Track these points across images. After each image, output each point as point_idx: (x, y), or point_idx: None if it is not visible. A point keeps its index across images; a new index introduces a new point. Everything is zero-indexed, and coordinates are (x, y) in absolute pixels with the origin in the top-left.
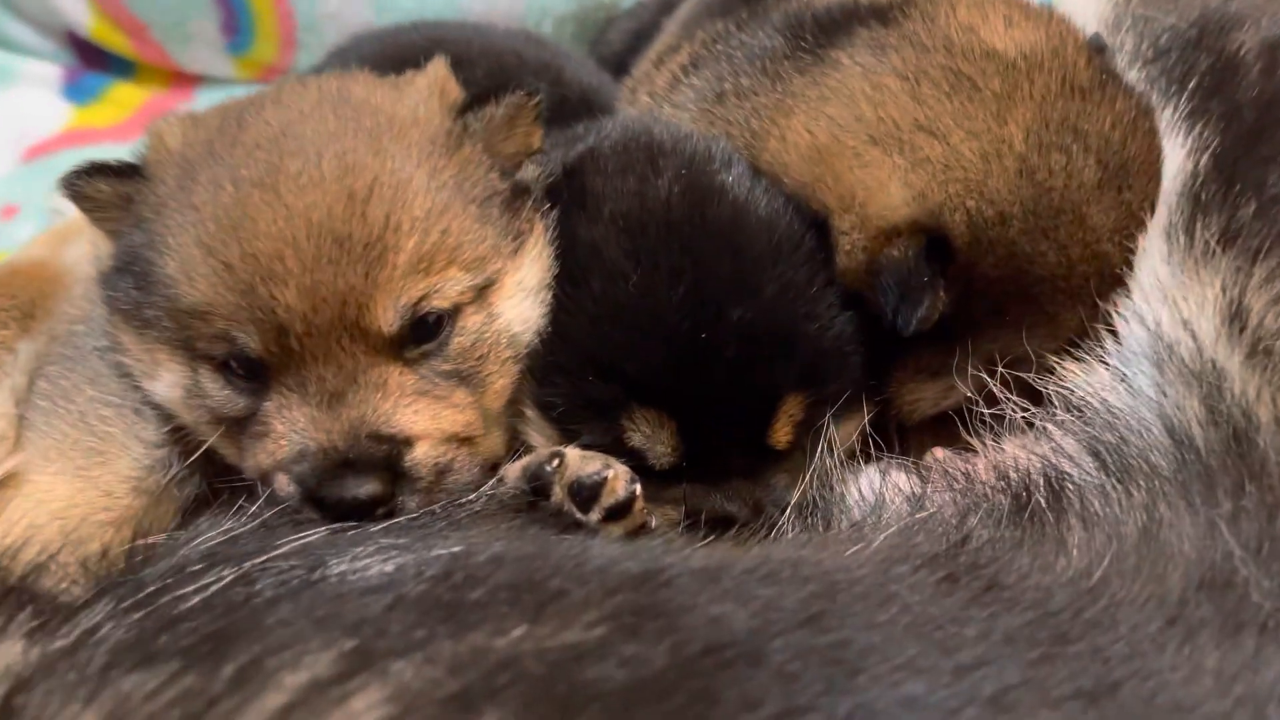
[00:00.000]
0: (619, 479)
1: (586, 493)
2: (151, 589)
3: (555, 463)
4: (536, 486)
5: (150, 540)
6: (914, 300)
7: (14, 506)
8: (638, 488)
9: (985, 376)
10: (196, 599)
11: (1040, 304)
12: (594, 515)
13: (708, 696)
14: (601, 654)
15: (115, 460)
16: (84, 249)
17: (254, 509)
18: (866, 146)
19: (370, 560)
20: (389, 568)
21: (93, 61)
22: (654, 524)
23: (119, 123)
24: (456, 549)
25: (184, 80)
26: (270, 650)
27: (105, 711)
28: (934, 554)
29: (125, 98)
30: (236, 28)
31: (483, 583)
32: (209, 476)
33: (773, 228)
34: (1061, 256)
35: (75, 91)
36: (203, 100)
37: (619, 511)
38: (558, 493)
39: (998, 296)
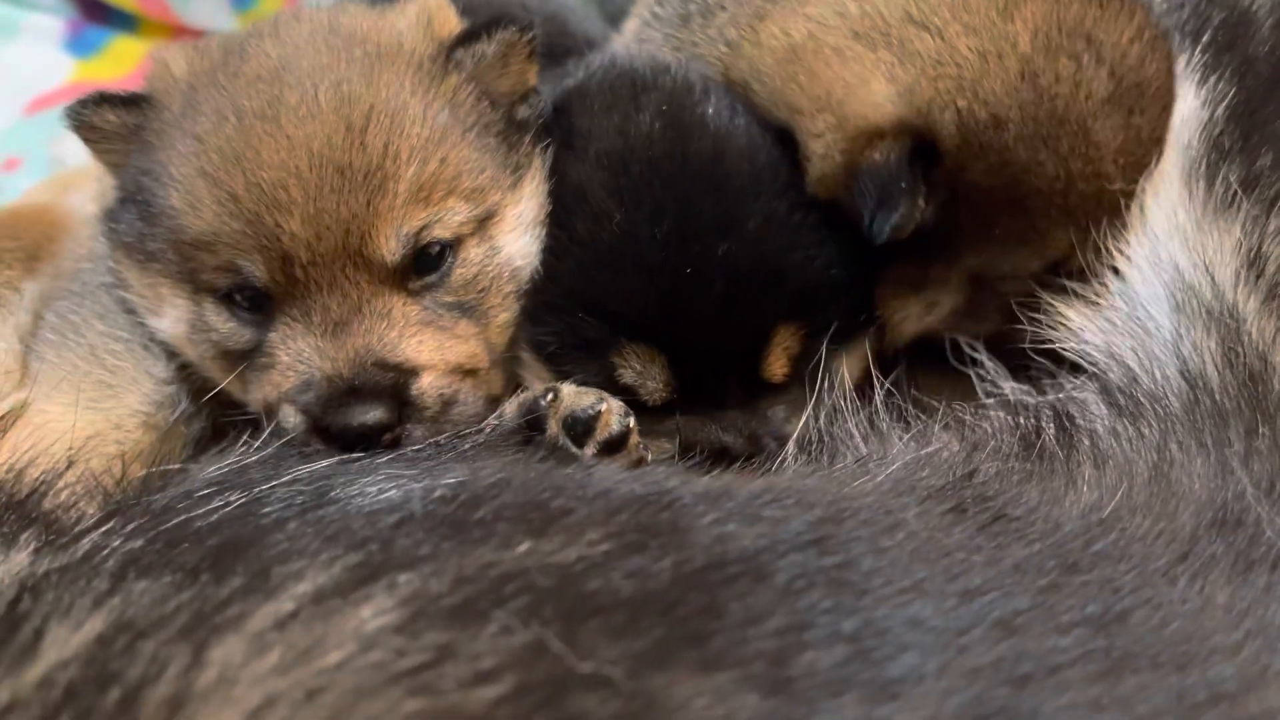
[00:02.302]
0: (612, 413)
1: (581, 427)
2: (158, 511)
3: (550, 397)
4: (532, 421)
5: (158, 470)
6: (890, 206)
7: (23, 433)
8: (631, 421)
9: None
10: (203, 522)
11: (1032, 219)
12: (589, 449)
13: (713, 610)
14: (606, 568)
15: (125, 394)
16: (87, 194)
17: (261, 441)
18: (849, 42)
19: (377, 488)
20: (396, 494)
21: (94, 15)
22: (650, 459)
23: (121, 76)
24: (460, 477)
25: (187, 35)
26: (276, 560)
27: (114, 615)
28: (940, 486)
29: (127, 52)
30: None
31: (487, 503)
32: (215, 414)
33: (753, 158)
34: (1061, 169)
35: (77, 45)
36: None
37: (613, 446)
38: (553, 427)
39: (987, 207)
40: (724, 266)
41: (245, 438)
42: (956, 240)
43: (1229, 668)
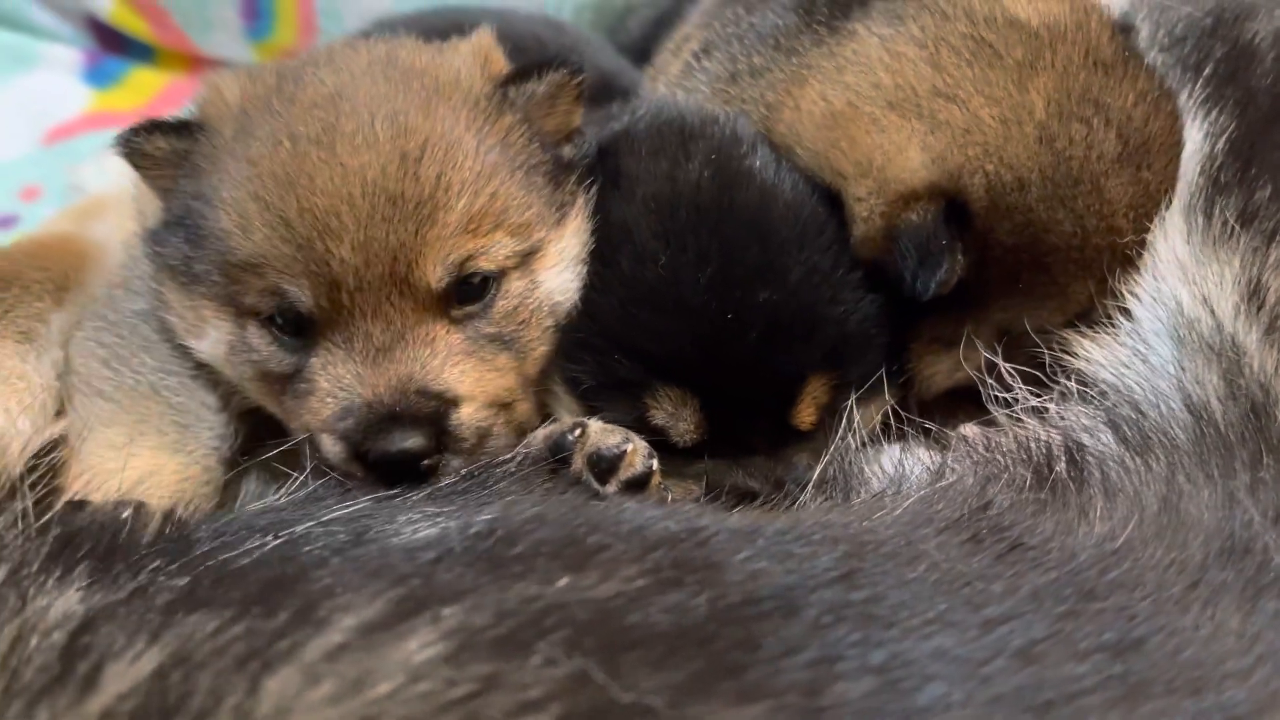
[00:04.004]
0: (637, 453)
1: (605, 464)
2: (202, 550)
3: (577, 432)
4: (558, 455)
5: (202, 510)
6: (933, 263)
7: (123, 477)
8: (655, 463)
9: (998, 360)
10: (246, 560)
11: (1053, 274)
12: (611, 487)
13: (748, 643)
14: (644, 602)
15: (199, 431)
16: (110, 224)
17: (299, 479)
18: (884, 112)
19: (415, 526)
20: (434, 531)
21: (112, 46)
22: (670, 500)
23: (139, 106)
24: (494, 512)
25: (203, 65)
26: (322, 595)
27: (170, 649)
28: (956, 518)
29: (145, 82)
30: (257, 13)
31: (524, 539)
32: (252, 436)
33: (799, 211)
34: (1077, 226)
35: (95, 75)
36: None
37: (636, 485)
38: (578, 462)
39: (1012, 264)
40: (764, 314)
41: (284, 473)
42: (986, 297)
43: (1241, 692)
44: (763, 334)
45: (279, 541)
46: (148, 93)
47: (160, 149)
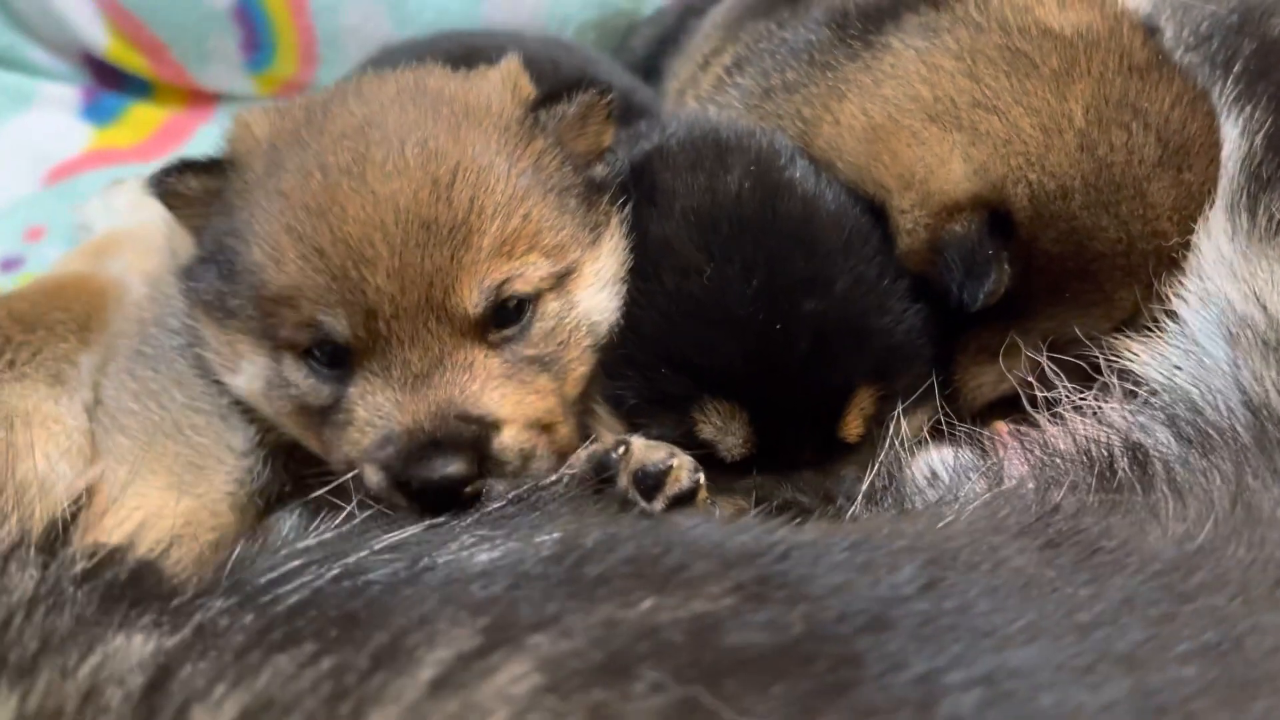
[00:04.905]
0: (683, 468)
1: (651, 480)
2: (257, 586)
3: (621, 450)
4: (602, 474)
5: (249, 547)
6: (980, 275)
7: (122, 513)
8: (701, 477)
9: (1042, 359)
10: (306, 592)
11: (1099, 281)
12: (658, 504)
13: (852, 660)
14: (738, 622)
15: (214, 474)
16: (125, 261)
17: (345, 512)
18: (924, 124)
19: (471, 550)
20: (494, 554)
21: (109, 82)
22: (720, 516)
23: (139, 142)
24: (558, 534)
25: (202, 99)
26: (405, 629)
27: (255, 691)
28: (1026, 524)
29: (144, 118)
30: (257, 44)
31: (599, 561)
32: (291, 473)
33: (843, 221)
34: (1122, 232)
35: (94, 113)
36: (223, 118)
37: (682, 501)
38: (623, 480)
39: (1057, 273)
40: (811, 325)
41: (326, 504)
42: (1032, 307)
43: None
44: (811, 345)
45: (335, 573)
46: (147, 128)
47: (192, 188)
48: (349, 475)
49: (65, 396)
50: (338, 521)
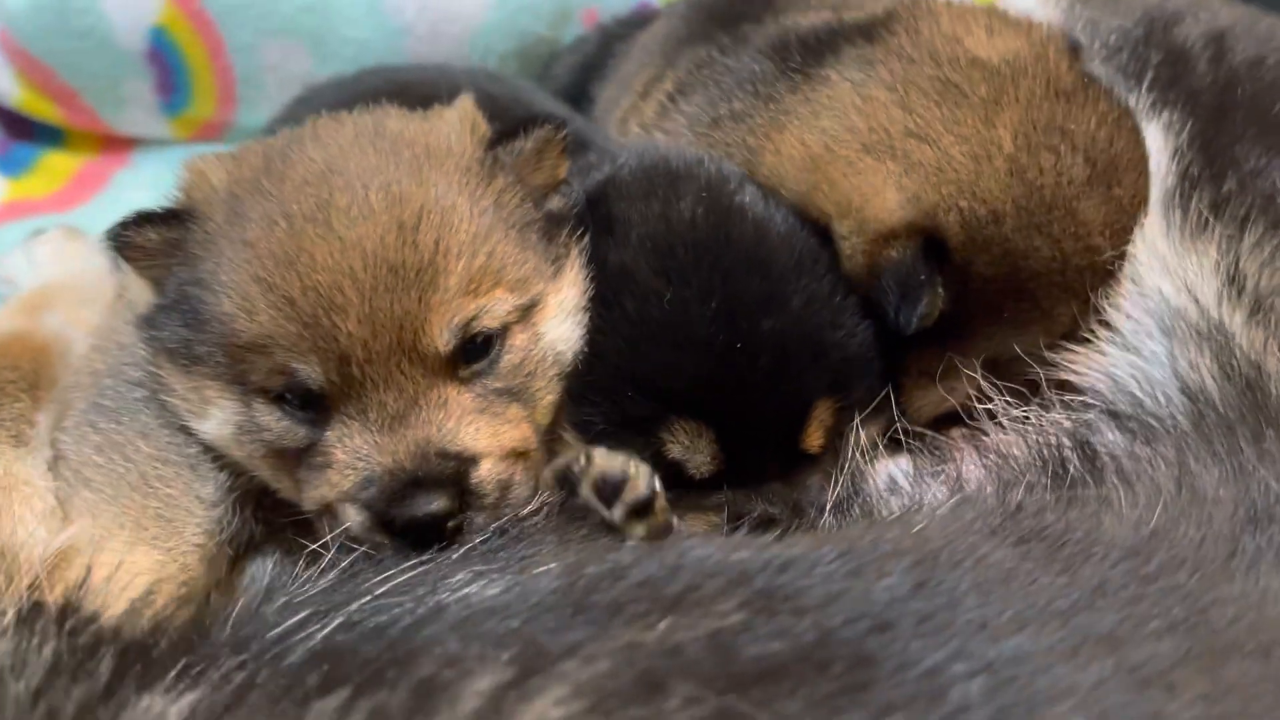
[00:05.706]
0: (640, 476)
1: (610, 489)
2: (268, 639)
3: (583, 462)
4: (566, 485)
5: (243, 599)
6: (914, 300)
7: (101, 572)
8: (658, 484)
9: (978, 378)
10: (318, 641)
11: (1036, 299)
12: (617, 511)
13: (867, 660)
14: (752, 634)
15: (183, 527)
16: (61, 314)
17: (329, 558)
18: (860, 155)
19: (471, 587)
20: (495, 589)
21: (18, 132)
22: (677, 525)
23: (54, 192)
24: (554, 564)
25: (117, 144)
26: (438, 665)
27: None
28: (995, 525)
29: (58, 166)
30: (172, 86)
31: (608, 589)
32: (260, 519)
33: (793, 242)
34: (1055, 251)
35: (6, 164)
36: (141, 164)
37: (642, 508)
38: (585, 489)
39: (994, 294)
40: (770, 342)
41: (307, 550)
42: (970, 328)
43: None
44: (771, 361)
45: (340, 620)
46: (61, 177)
47: (152, 240)
48: (323, 516)
49: (29, 457)
50: (323, 566)
